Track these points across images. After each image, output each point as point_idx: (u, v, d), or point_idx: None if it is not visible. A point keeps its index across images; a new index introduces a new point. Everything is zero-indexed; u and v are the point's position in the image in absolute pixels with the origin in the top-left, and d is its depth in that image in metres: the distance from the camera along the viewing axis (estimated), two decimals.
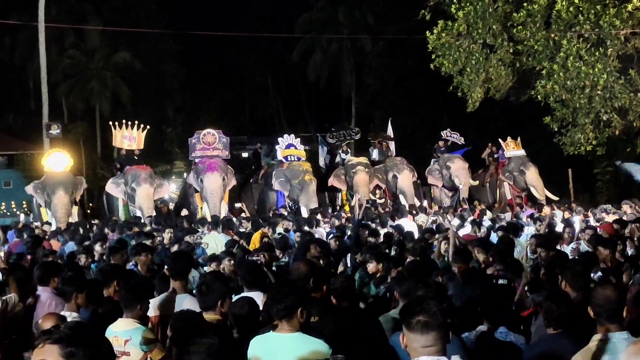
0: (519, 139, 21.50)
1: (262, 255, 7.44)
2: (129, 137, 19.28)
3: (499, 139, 21.79)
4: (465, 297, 5.03)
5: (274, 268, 7.68)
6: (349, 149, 21.89)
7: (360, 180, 19.88)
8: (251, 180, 21.79)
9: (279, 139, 20.70)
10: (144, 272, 6.85)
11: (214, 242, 10.75)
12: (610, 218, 12.95)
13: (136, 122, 19.40)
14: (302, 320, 3.65)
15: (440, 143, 21.97)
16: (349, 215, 15.64)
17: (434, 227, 11.70)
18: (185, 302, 4.88)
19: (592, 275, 5.59)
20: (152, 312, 4.95)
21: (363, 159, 21.05)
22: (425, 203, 20.12)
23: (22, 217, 18.33)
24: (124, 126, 19.27)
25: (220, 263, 7.51)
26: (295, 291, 3.74)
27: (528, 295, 5.54)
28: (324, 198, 20.77)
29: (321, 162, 22.82)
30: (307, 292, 4.09)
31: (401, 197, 20.32)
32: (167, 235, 11.26)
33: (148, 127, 19.78)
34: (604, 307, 3.43)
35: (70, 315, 4.68)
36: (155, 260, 8.00)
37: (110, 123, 19.66)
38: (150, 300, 4.88)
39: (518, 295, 5.60)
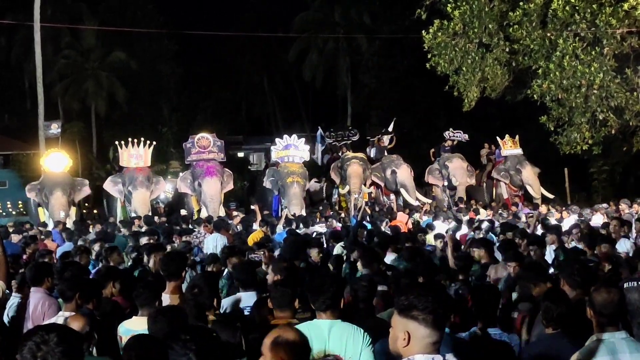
0: (517, 137, 21.50)
1: (262, 253, 7.40)
2: (135, 155, 19.21)
3: (497, 138, 21.78)
4: None
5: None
6: (348, 151, 21.78)
7: (352, 172, 19.81)
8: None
9: (277, 140, 20.63)
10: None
11: (214, 243, 10.72)
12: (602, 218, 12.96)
13: (142, 139, 19.34)
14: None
15: (448, 143, 21.84)
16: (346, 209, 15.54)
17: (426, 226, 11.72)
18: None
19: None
20: None
21: (359, 154, 21.08)
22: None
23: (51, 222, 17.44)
24: (129, 144, 19.15)
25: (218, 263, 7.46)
26: (337, 281, 3.92)
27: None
28: (322, 194, 20.78)
29: (314, 155, 22.53)
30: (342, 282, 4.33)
31: (403, 192, 20.21)
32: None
33: (155, 142, 19.78)
34: (605, 311, 3.39)
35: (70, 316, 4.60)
36: None
37: (117, 142, 19.59)
38: None
39: None
